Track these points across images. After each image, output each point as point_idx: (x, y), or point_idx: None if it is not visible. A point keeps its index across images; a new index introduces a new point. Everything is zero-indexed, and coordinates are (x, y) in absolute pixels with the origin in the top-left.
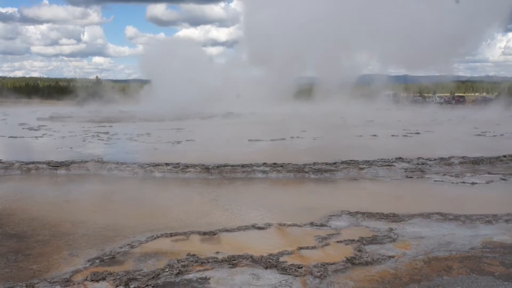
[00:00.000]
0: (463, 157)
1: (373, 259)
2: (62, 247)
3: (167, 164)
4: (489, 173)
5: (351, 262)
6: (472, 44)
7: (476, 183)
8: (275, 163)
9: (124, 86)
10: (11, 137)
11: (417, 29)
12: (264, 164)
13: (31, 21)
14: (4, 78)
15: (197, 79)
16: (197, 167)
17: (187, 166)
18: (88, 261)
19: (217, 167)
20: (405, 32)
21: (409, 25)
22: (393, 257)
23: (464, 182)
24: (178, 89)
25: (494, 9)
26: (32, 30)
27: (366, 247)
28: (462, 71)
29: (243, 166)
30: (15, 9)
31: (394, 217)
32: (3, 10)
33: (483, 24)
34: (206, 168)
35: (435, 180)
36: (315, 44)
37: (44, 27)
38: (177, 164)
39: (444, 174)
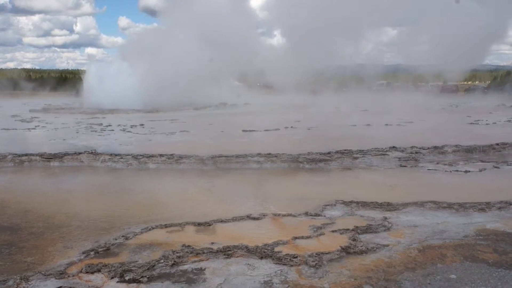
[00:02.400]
0: (456, 146)
1: (367, 248)
2: (56, 239)
3: (161, 155)
4: (482, 161)
5: (346, 251)
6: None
7: (469, 171)
8: (269, 153)
9: None
10: (4, 129)
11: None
12: (259, 154)
13: (23, 12)
14: None
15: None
16: (191, 158)
17: (181, 157)
18: (83, 253)
19: (212, 158)
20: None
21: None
22: (387, 245)
23: (457, 171)
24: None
25: None
26: (24, 21)
27: (361, 236)
28: None
29: (237, 156)
30: (7, 0)
31: (388, 206)
32: None
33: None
34: (201, 159)
35: (428, 169)
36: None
37: (36, 18)
38: (171, 155)
39: (438, 163)
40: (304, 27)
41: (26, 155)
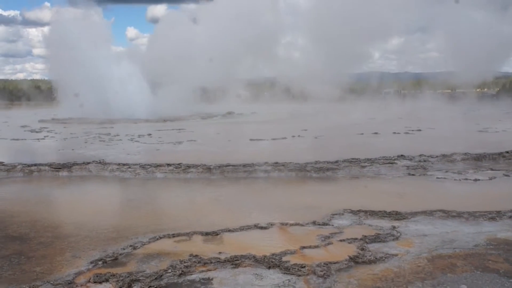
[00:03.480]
0: (465, 154)
1: (376, 258)
2: (65, 249)
3: (168, 165)
4: (491, 169)
5: (354, 261)
6: None
7: (479, 179)
8: (276, 162)
9: None
10: (13, 139)
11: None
12: (266, 163)
13: (32, 24)
14: (6, 81)
15: None
16: (198, 167)
17: (188, 166)
18: (91, 262)
19: (219, 167)
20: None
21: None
22: (396, 255)
23: (466, 179)
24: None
25: None
26: (33, 33)
27: (369, 246)
28: None
29: (244, 165)
30: (17, 12)
31: (397, 215)
32: (5, 13)
33: None
34: (208, 168)
35: (437, 177)
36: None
37: (45, 29)
38: (178, 164)
39: (447, 171)
40: (328, 34)
41: (35, 165)
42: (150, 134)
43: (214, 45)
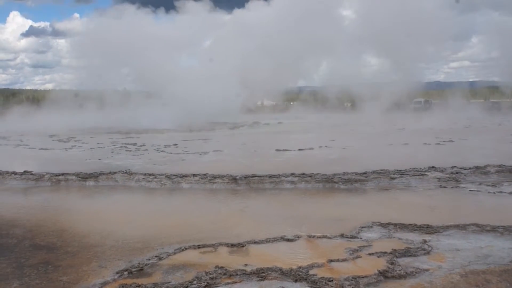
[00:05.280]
0: (499, 166)
1: (406, 272)
2: (91, 259)
3: (194, 175)
4: None
5: (384, 275)
6: None
7: None
8: (303, 173)
9: None
10: (42, 149)
11: None
12: (292, 174)
13: (62, 35)
14: (35, 91)
15: None
16: (224, 177)
17: (214, 177)
18: (117, 273)
19: (245, 177)
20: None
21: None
22: (427, 270)
23: (501, 192)
24: None
25: None
26: (63, 44)
27: (399, 260)
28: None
29: (271, 176)
30: (47, 23)
31: (428, 229)
32: (36, 25)
33: None
34: (234, 179)
35: (470, 190)
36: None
37: (76, 39)
38: (204, 175)
39: (480, 184)
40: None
41: (62, 174)
42: (176, 144)
43: (265, 53)
